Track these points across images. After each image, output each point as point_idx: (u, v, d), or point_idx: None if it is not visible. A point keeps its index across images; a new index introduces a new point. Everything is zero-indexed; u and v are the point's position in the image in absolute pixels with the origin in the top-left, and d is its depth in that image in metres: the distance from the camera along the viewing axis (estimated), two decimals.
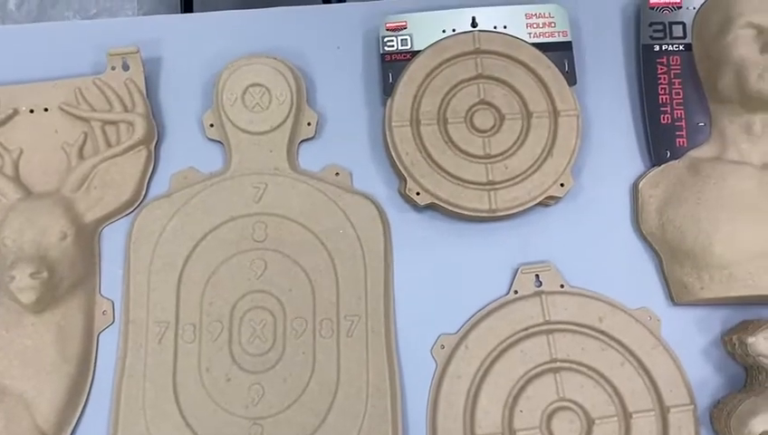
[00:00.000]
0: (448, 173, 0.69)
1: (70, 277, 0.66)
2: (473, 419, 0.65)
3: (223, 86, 0.72)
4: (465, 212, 0.69)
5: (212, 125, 0.73)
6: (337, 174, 0.72)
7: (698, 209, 0.67)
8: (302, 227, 0.70)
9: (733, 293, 0.65)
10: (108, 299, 0.69)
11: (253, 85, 0.72)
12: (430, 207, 0.70)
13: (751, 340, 0.64)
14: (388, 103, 0.71)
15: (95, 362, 0.67)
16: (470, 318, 0.69)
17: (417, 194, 0.69)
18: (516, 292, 0.69)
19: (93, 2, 1.51)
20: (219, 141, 0.73)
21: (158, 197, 0.71)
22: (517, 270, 0.70)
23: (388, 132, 0.70)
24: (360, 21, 0.76)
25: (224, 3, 1.42)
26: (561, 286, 0.69)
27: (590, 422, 0.65)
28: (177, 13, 1.27)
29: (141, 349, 0.67)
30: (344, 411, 0.65)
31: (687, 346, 0.69)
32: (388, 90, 0.72)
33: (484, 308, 0.69)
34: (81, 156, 0.71)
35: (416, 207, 0.70)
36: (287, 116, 0.72)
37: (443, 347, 0.68)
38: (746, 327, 0.67)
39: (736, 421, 0.63)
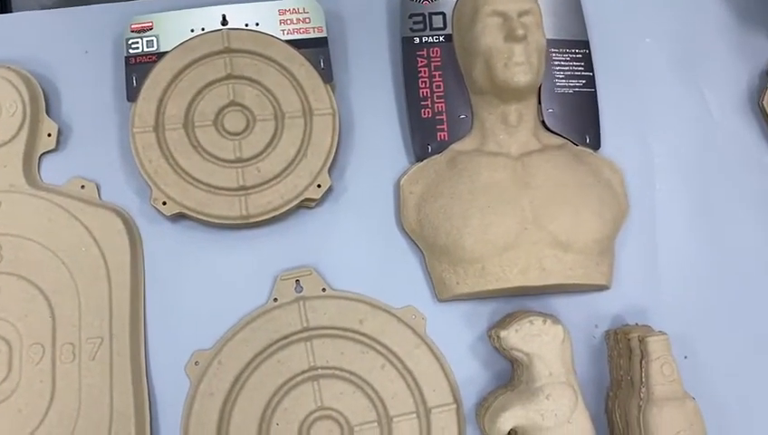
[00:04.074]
0: (197, 180, 0.66)
1: None
2: None
3: None
4: (216, 220, 0.65)
5: None
6: (82, 187, 0.68)
7: (451, 203, 0.66)
8: (41, 247, 0.65)
9: (487, 287, 0.64)
10: None
11: None
12: (183, 216, 0.67)
13: (503, 333, 0.63)
14: (131, 108, 0.67)
15: None
16: (228, 331, 0.66)
17: (164, 204, 0.65)
18: (276, 299, 0.66)
19: None
20: None
21: None
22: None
23: (131, 139, 0.66)
24: (109, 23, 0.72)
25: None
26: (323, 290, 0.67)
27: (350, 430, 0.63)
28: None
29: None
30: None
31: (455, 343, 0.68)
32: (132, 94, 0.68)
33: (241, 320, 0.66)
34: None
35: (168, 217, 0.67)
36: (20, 128, 0.66)
37: (197, 364, 0.64)
38: (505, 320, 0.66)
39: (489, 418, 0.62)
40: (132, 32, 0.69)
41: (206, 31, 0.69)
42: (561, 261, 0.65)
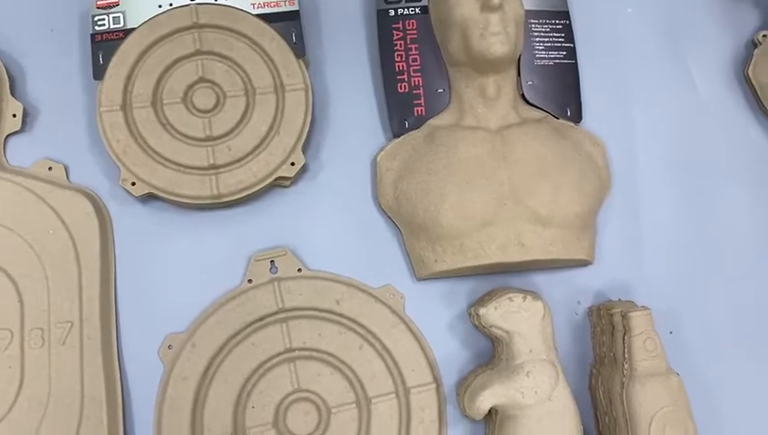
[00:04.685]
0: (166, 159, 0.64)
1: None
2: (201, 422, 0.61)
3: None
4: (187, 200, 0.64)
5: None
6: (50, 169, 0.66)
7: (429, 180, 0.64)
8: (8, 230, 0.63)
9: (466, 263, 0.63)
10: None
11: None
12: (153, 197, 0.65)
13: (482, 311, 0.62)
14: (98, 87, 0.65)
15: None
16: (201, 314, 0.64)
17: (133, 184, 0.63)
18: (251, 281, 0.65)
19: None
20: None
21: None
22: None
23: (98, 119, 0.64)
24: (74, 0, 0.70)
25: None
26: (299, 271, 0.66)
27: (327, 412, 0.62)
28: None
29: None
30: (56, 426, 0.59)
31: (434, 322, 0.66)
32: (98, 73, 0.66)
33: (214, 302, 0.64)
34: None
35: (139, 198, 0.65)
36: None
37: (170, 347, 0.63)
38: (485, 298, 0.65)
39: (468, 397, 0.61)
40: (98, 8, 0.67)
41: (174, 6, 0.67)
42: (540, 236, 0.63)
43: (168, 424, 0.61)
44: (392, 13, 0.70)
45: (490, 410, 0.61)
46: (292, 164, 0.65)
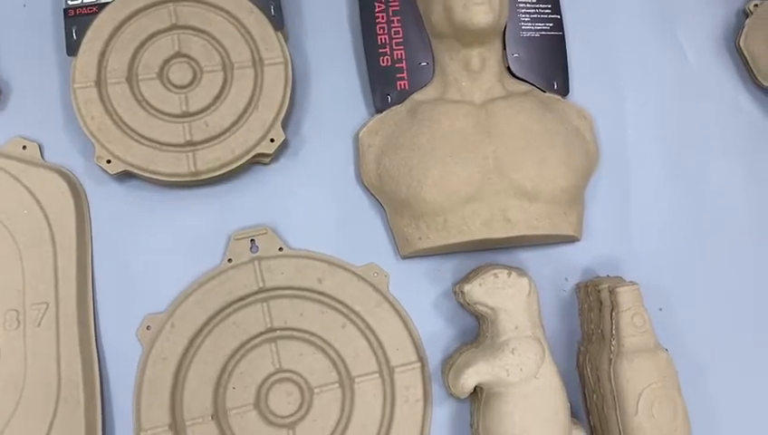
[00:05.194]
0: (142, 136, 0.62)
1: None
2: (181, 403, 0.60)
3: None
4: (164, 178, 0.62)
5: None
6: (24, 147, 0.64)
7: (411, 155, 0.63)
8: None
9: (450, 240, 0.61)
10: None
11: None
12: (129, 175, 0.64)
13: (467, 288, 0.60)
14: (72, 63, 0.63)
15: None
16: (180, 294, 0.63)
17: (108, 162, 0.62)
18: (230, 260, 0.63)
19: None
20: None
21: None
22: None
23: (72, 95, 0.63)
24: None
25: None
26: (280, 250, 0.64)
27: (310, 392, 0.61)
28: None
29: None
30: (32, 408, 0.58)
31: (419, 300, 0.65)
32: (72, 48, 0.64)
33: (194, 282, 0.63)
34: None
35: (115, 176, 0.64)
36: None
37: (149, 328, 0.62)
38: (470, 275, 0.64)
39: (452, 375, 0.60)
40: None
41: None
42: (526, 211, 0.62)
43: (147, 405, 0.59)
44: None
45: (475, 389, 0.60)
46: (272, 140, 0.64)
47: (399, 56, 0.67)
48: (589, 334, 0.64)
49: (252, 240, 0.64)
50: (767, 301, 0.68)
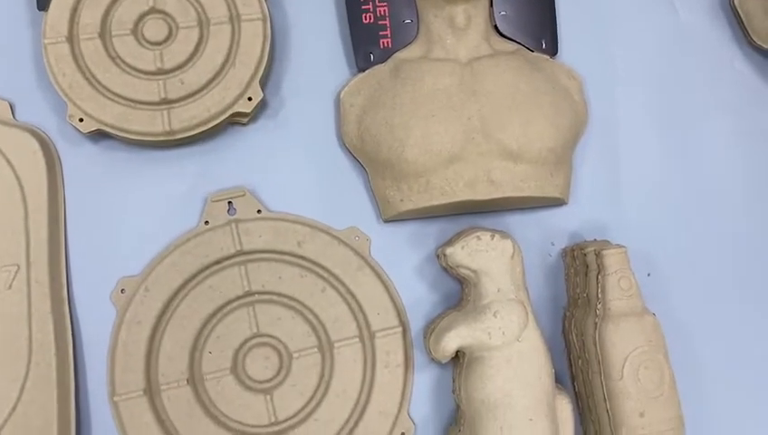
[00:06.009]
0: (115, 94, 0.60)
1: None
2: (156, 368, 0.59)
3: None
4: (137, 137, 0.60)
5: None
6: None
7: (393, 115, 0.61)
8: None
9: (432, 202, 0.60)
10: None
11: None
12: (103, 134, 0.62)
13: (449, 250, 0.59)
14: (43, 18, 0.61)
15: None
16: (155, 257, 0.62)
17: (81, 121, 0.60)
18: (207, 222, 0.62)
19: None
20: None
21: None
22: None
23: (43, 52, 0.61)
24: None
25: None
26: (259, 212, 0.63)
27: (288, 357, 0.60)
28: None
29: None
30: (3, 372, 0.57)
31: (401, 265, 0.63)
32: (43, 3, 0.61)
33: (169, 244, 0.62)
34: None
35: (89, 136, 0.62)
36: None
37: (123, 291, 0.60)
38: (453, 238, 0.62)
39: (433, 339, 0.58)
40: None
41: None
42: (511, 172, 0.60)
43: (121, 369, 0.58)
44: None
45: (457, 354, 0.59)
46: (249, 99, 0.62)
47: (383, 13, 0.65)
48: (575, 299, 0.63)
49: (229, 202, 0.62)
50: (759, 267, 0.67)
